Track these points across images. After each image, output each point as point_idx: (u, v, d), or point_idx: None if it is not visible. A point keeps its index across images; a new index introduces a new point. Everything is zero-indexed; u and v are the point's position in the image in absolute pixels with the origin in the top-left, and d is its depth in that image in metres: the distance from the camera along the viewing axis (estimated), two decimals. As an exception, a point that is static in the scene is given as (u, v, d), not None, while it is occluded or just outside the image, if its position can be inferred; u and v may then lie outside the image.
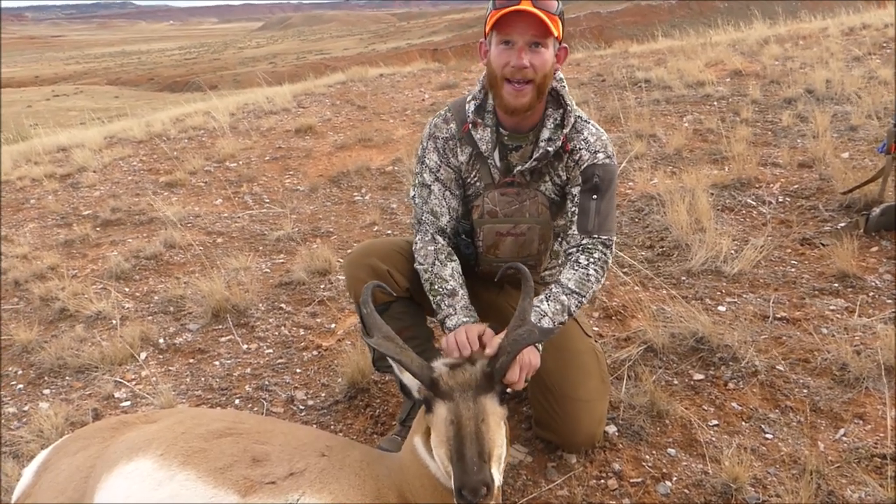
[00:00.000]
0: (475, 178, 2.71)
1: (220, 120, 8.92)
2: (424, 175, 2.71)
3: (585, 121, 2.65)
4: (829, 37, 10.27)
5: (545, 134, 2.59)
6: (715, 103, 7.57)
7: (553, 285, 2.52)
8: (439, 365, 2.05)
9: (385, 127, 8.20)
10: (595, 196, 2.55)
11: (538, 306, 2.44)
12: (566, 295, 2.47)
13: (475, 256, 2.79)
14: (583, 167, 2.58)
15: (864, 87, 7.19)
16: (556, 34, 2.44)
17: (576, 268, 2.51)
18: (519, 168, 2.63)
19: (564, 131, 2.58)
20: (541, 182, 2.67)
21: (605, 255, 2.55)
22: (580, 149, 2.59)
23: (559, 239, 2.82)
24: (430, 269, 2.59)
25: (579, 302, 2.49)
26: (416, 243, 2.68)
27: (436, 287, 2.56)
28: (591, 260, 2.51)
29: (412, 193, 2.77)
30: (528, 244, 2.70)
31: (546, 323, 2.41)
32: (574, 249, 2.56)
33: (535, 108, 2.55)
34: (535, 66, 2.43)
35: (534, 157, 2.59)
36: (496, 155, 2.65)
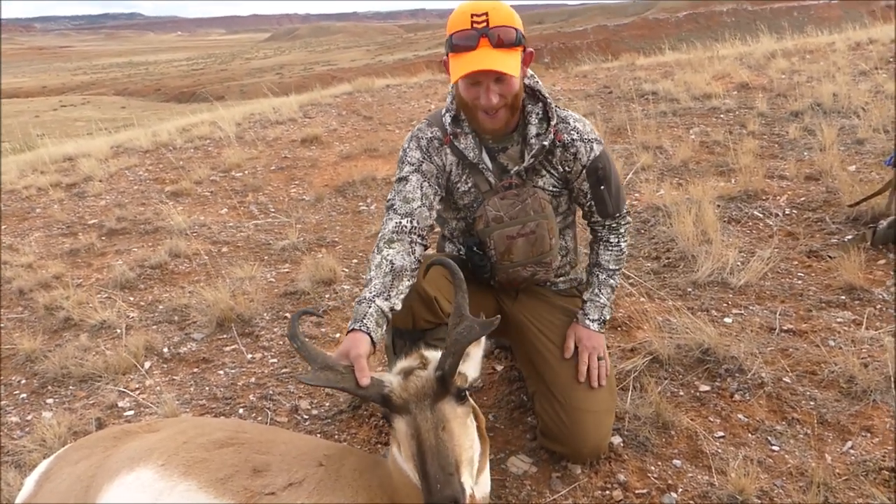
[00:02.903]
0: (471, 187, 2.69)
1: (227, 130, 8.95)
2: (404, 169, 2.64)
3: (563, 110, 2.69)
4: (835, 51, 10.27)
5: (532, 130, 2.61)
6: (722, 116, 7.57)
7: (596, 270, 2.85)
8: (392, 376, 1.95)
9: (391, 137, 8.21)
10: (603, 186, 2.70)
11: (597, 299, 2.82)
12: (611, 276, 2.85)
13: (490, 267, 2.73)
14: (584, 162, 2.65)
15: (870, 100, 7.18)
16: (519, 63, 2.44)
17: (609, 248, 2.84)
18: (516, 169, 2.63)
19: (552, 123, 2.59)
20: (537, 178, 2.68)
21: (627, 224, 2.86)
22: (574, 140, 2.63)
23: (561, 234, 2.84)
24: (371, 258, 2.47)
25: (620, 275, 2.91)
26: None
27: (369, 275, 2.42)
28: (620, 235, 2.84)
29: (388, 196, 2.65)
30: (541, 241, 2.66)
31: (607, 313, 2.83)
32: (601, 229, 2.85)
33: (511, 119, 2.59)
34: (504, 94, 2.45)
35: (531, 154, 2.60)
36: (486, 159, 2.65)
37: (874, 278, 3.92)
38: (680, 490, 2.59)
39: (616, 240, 2.82)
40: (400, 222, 2.52)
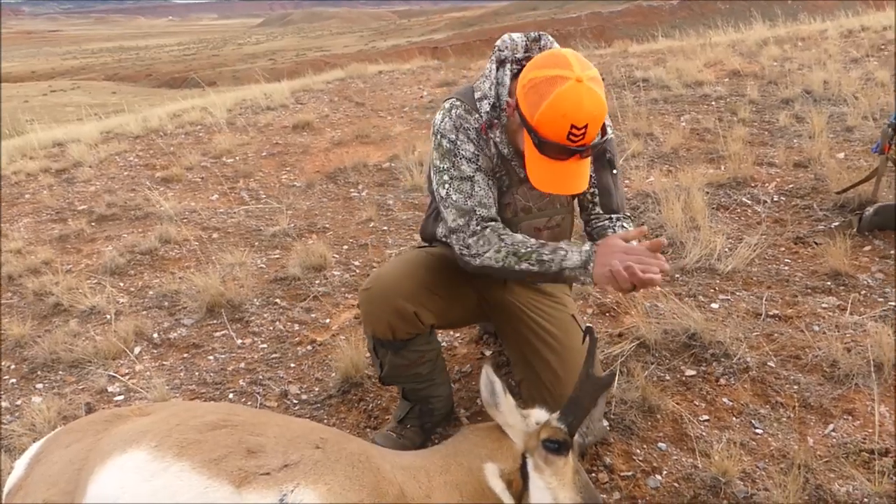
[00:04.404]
0: (503, 174, 2.60)
1: (218, 116, 8.92)
2: (463, 167, 2.48)
3: None
4: (827, 39, 10.30)
5: None
6: (713, 103, 7.59)
7: (608, 218, 2.72)
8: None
9: (383, 124, 8.20)
10: (609, 175, 2.63)
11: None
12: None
13: None
14: (594, 143, 2.57)
15: (861, 88, 7.21)
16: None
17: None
18: None
19: None
20: None
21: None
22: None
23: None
24: (502, 248, 2.38)
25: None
26: (466, 243, 2.45)
27: (522, 251, 2.35)
28: None
29: (443, 192, 2.50)
30: (562, 235, 2.69)
31: None
32: (605, 224, 2.69)
33: None
34: None
35: None
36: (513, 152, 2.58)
37: (859, 264, 3.96)
38: (664, 472, 2.62)
39: None
40: (499, 230, 2.45)
